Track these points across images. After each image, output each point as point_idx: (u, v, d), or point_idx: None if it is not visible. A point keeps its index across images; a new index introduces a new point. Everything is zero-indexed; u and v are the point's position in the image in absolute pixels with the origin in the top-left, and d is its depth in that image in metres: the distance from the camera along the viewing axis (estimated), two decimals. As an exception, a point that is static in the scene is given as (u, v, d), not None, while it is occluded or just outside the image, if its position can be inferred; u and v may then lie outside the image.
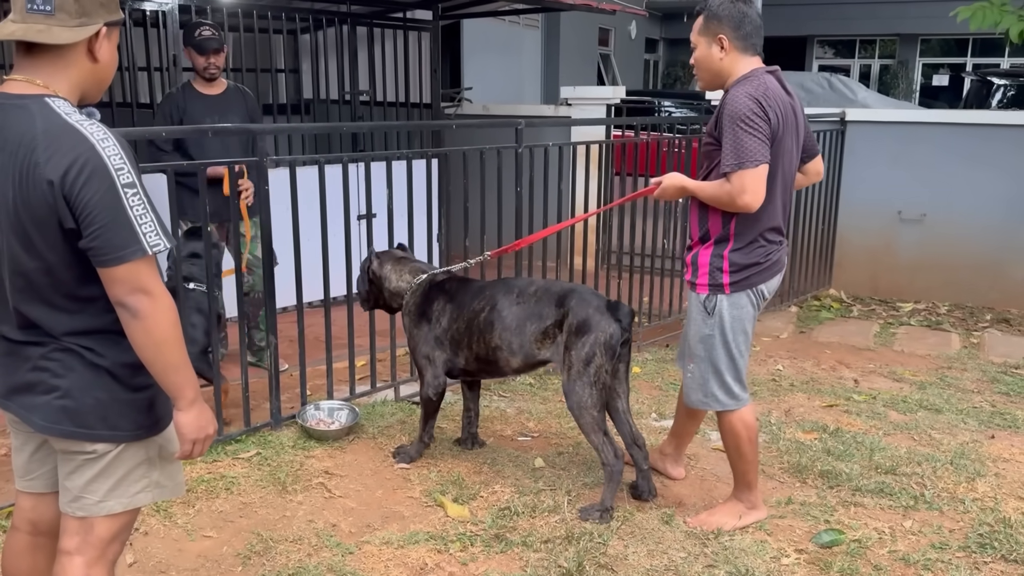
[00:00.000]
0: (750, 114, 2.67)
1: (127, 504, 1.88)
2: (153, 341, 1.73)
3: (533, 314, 3.21)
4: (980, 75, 10.13)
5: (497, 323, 3.26)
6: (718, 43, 2.79)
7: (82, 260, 1.71)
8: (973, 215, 6.37)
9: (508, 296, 3.29)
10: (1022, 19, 5.34)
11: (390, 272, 3.58)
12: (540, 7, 8.45)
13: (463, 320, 3.34)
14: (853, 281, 6.86)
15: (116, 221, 1.66)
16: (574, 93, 7.61)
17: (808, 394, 4.56)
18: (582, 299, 3.17)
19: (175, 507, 3.12)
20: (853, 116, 6.81)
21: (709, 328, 2.91)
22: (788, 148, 2.84)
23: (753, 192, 2.70)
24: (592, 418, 3.11)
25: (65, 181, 1.63)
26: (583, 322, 3.10)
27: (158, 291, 1.73)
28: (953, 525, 3.13)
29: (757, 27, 2.81)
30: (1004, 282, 6.37)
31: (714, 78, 2.88)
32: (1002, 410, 4.33)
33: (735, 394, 2.97)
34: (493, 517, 3.10)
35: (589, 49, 16.72)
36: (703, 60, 2.86)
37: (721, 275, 2.87)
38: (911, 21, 19.90)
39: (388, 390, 4.34)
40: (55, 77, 1.72)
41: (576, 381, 3.09)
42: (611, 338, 3.08)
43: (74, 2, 1.68)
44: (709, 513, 3.11)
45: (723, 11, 2.78)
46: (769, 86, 2.76)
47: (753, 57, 2.83)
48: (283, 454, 3.61)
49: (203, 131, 3.88)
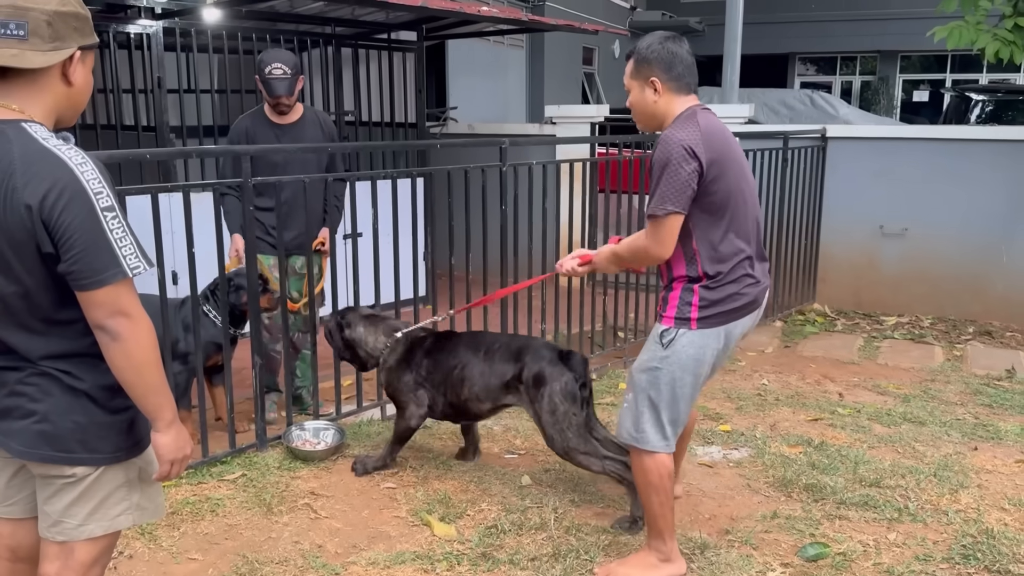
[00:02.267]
0: (676, 159, 2.57)
1: (107, 527, 1.87)
2: (133, 364, 1.73)
3: (496, 371, 3.44)
4: (959, 91, 10.26)
5: (467, 380, 3.48)
6: (651, 86, 2.72)
7: (60, 284, 1.71)
8: (954, 229, 6.44)
9: (476, 354, 3.51)
10: (997, 38, 5.43)
11: (364, 334, 3.67)
12: (524, 28, 8.52)
13: (440, 374, 3.55)
14: (837, 295, 6.92)
15: (96, 244, 1.66)
16: (558, 112, 7.67)
17: (793, 408, 4.59)
18: (536, 354, 3.38)
19: (160, 530, 3.10)
20: (834, 132, 6.89)
21: (658, 361, 2.73)
22: (736, 182, 2.71)
23: (660, 241, 2.63)
24: (583, 454, 3.26)
25: (44, 206, 1.64)
26: (537, 375, 3.31)
27: (138, 313, 1.73)
28: (937, 537, 3.15)
29: (688, 66, 2.73)
30: (985, 295, 6.44)
31: (650, 120, 2.80)
32: (985, 422, 4.37)
33: (667, 437, 2.77)
34: (480, 535, 3.10)
35: (573, 68, 16.85)
36: (638, 104, 2.78)
37: (690, 309, 2.71)
38: (891, 38, 20.17)
39: (375, 409, 4.34)
40: (30, 101, 1.71)
41: (551, 431, 3.29)
42: (566, 386, 3.27)
43: (47, 26, 1.67)
44: (619, 563, 2.90)
45: (652, 53, 2.71)
46: (702, 124, 2.65)
47: (688, 96, 2.74)
48: (269, 475, 3.59)
49: (186, 153, 3.88)
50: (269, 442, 3.86)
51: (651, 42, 2.73)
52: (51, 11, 1.68)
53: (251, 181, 3.64)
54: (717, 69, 10.46)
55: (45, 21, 1.67)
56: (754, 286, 2.77)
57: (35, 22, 1.66)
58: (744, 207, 2.75)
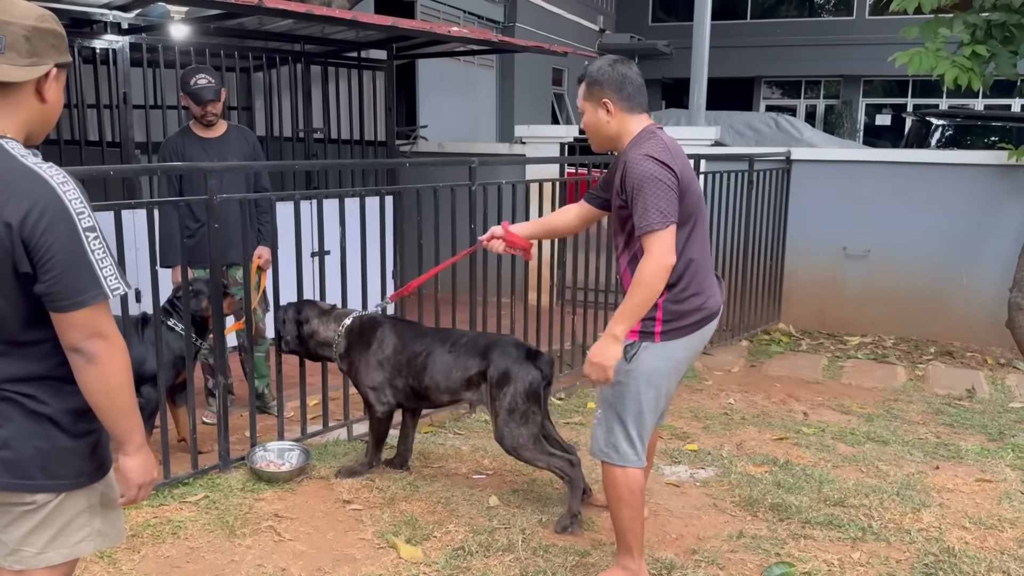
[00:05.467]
0: (655, 174, 2.62)
1: (67, 555, 1.82)
2: (108, 387, 1.70)
3: (460, 364, 3.49)
4: (920, 116, 10.47)
5: (430, 367, 3.54)
6: (603, 107, 2.78)
7: (30, 304, 1.67)
8: (916, 251, 6.57)
9: (444, 345, 3.56)
10: (956, 65, 5.55)
11: (317, 325, 3.73)
12: (495, 48, 8.57)
13: (404, 356, 3.60)
14: (801, 315, 7.01)
15: (78, 265, 1.63)
16: (528, 132, 7.71)
17: (759, 427, 4.62)
18: (504, 351, 3.43)
19: (120, 553, 3.04)
20: (799, 155, 7.01)
21: (622, 375, 2.74)
22: (698, 193, 2.81)
23: (667, 250, 2.62)
24: (530, 451, 3.36)
25: (25, 225, 1.60)
26: (504, 373, 3.37)
27: (114, 335, 1.70)
28: (900, 556, 3.18)
29: (639, 87, 2.80)
30: (946, 316, 6.55)
31: (606, 141, 2.86)
32: (946, 441, 4.44)
33: (636, 450, 2.80)
34: (447, 557, 3.07)
35: (543, 89, 16.97)
36: (592, 125, 2.84)
37: (653, 323, 2.74)
38: (854, 63, 20.60)
39: (341, 429, 4.29)
40: (3, 117, 1.69)
41: (504, 427, 3.35)
42: (531, 384, 3.34)
43: (25, 42, 1.65)
44: None
45: (603, 75, 2.77)
46: (665, 140, 2.74)
47: (640, 115, 2.81)
48: (232, 497, 3.54)
49: (151, 170, 3.84)
50: (232, 463, 3.80)
51: (601, 64, 2.81)
52: (30, 26, 1.66)
53: (217, 199, 3.60)
54: (684, 92, 10.59)
55: (24, 36, 1.65)
56: (712, 298, 2.85)
57: (13, 36, 1.64)
58: (703, 221, 2.86)
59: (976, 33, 5.67)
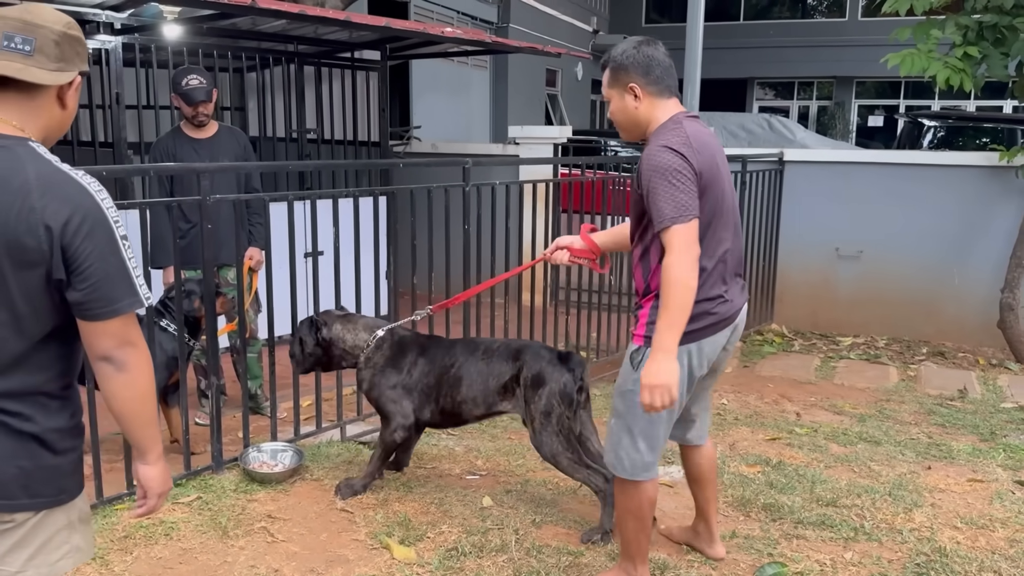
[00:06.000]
0: (673, 166, 2.49)
1: (47, 574, 1.76)
2: (135, 395, 1.69)
3: (494, 371, 3.40)
4: (912, 117, 10.50)
5: (465, 379, 3.44)
6: (630, 92, 2.64)
7: (54, 313, 1.64)
8: (908, 252, 6.59)
9: (474, 354, 3.47)
10: (948, 66, 5.58)
11: (341, 332, 3.57)
12: (488, 49, 8.57)
13: (434, 375, 3.49)
14: (794, 316, 7.03)
15: (116, 274, 1.63)
16: (522, 132, 7.71)
17: (752, 428, 4.64)
18: (535, 354, 3.37)
19: (112, 554, 3.03)
20: (792, 156, 7.03)
21: (631, 383, 2.63)
22: (722, 190, 2.65)
23: (692, 243, 2.48)
24: (568, 460, 3.26)
25: (66, 231, 1.58)
26: (537, 375, 3.29)
27: (142, 343, 1.70)
28: (892, 556, 3.19)
29: (667, 68, 2.67)
30: (938, 316, 6.58)
31: (634, 128, 2.71)
32: (938, 441, 4.45)
33: (647, 463, 2.70)
34: (440, 558, 3.07)
35: (537, 89, 16.99)
36: (619, 112, 2.70)
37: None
38: (847, 64, 20.68)
39: (334, 430, 4.29)
40: (26, 121, 1.67)
41: (541, 433, 3.27)
42: (565, 387, 3.25)
43: (55, 46, 1.64)
44: None
45: (628, 59, 2.64)
46: (690, 132, 2.58)
47: (670, 100, 2.67)
48: (225, 498, 3.53)
49: (144, 171, 3.84)
50: (226, 464, 3.80)
51: (625, 48, 2.67)
52: (60, 32, 1.66)
53: (210, 199, 3.60)
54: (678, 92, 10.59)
55: (54, 41, 1.65)
56: (726, 304, 2.68)
57: (43, 40, 1.64)
58: (724, 223, 2.67)
59: (968, 35, 5.70)
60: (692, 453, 3.05)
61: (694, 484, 3.11)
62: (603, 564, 3.06)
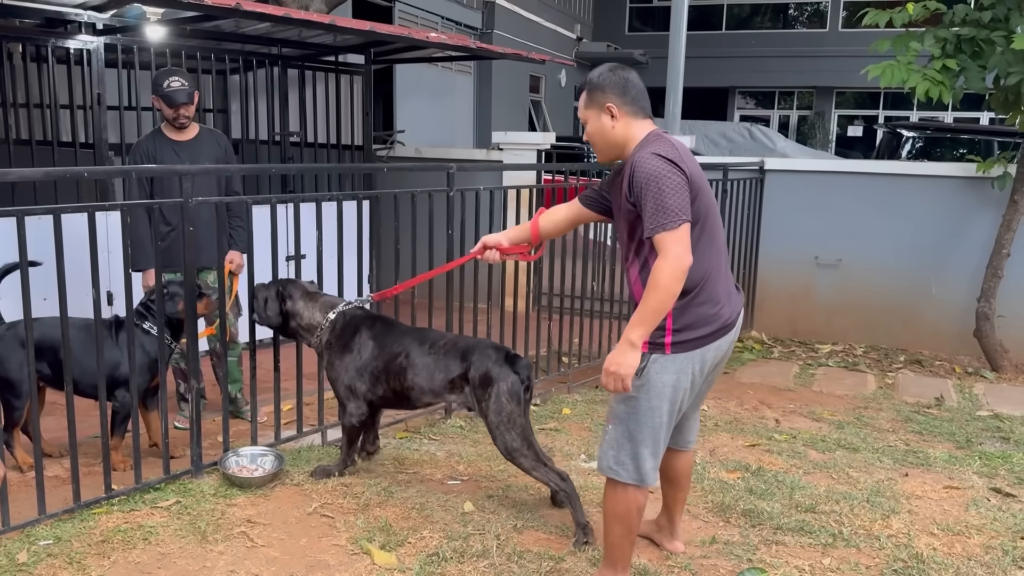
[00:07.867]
0: (665, 172, 2.53)
1: None
2: None
3: (441, 366, 3.50)
4: (891, 127, 10.62)
5: (410, 370, 3.54)
6: (607, 112, 2.70)
7: None
8: (886, 260, 6.66)
9: (422, 347, 3.57)
10: (927, 78, 5.65)
11: (302, 308, 3.72)
12: (472, 55, 8.59)
13: (382, 360, 3.60)
14: (773, 323, 7.08)
15: None
16: (506, 138, 7.73)
17: (732, 434, 4.66)
18: (483, 353, 3.45)
19: (89, 559, 3.00)
20: (772, 165, 7.10)
21: (634, 389, 2.63)
22: (710, 196, 2.72)
23: (683, 249, 2.50)
24: (525, 457, 3.36)
25: None
26: (484, 375, 3.38)
27: None
28: (869, 562, 3.22)
29: (641, 91, 2.73)
30: (916, 324, 6.65)
31: (611, 148, 2.76)
32: (915, 448, 4.50)
33: (645, 469, 2.72)
34: (421, 564, 3.06)
35: (520, 96, 17.03)
36: (597, 133, 2.75)
37: (663, 334, 2.63)
38: (827, 75, 20.91)
39: (315, 435, 4.27)
40: None
41: (496, 431, 3.37)
42: (512, 386, 3.35)
43: None
44: None
45: (604, 80, 2.71)
46: (673, 142, 2.66)
47: (645, 120, 2.73)
48: (204, 503, 3.50)
49: (125, 172, 3.81)
50: (205, 468, 3.77)
51: (602, 71, 2.76)
52: None
53: (192, 202, 3.58)
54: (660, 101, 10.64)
55: None
56: (727, 307, 2.73)
57: None
58: (717, 227, 2.75)
59: (946, 47, 5.78)
60: (674, 456, 3.08)
61: (667, 484, 3.18)
62: (584, 569, 3.06)
